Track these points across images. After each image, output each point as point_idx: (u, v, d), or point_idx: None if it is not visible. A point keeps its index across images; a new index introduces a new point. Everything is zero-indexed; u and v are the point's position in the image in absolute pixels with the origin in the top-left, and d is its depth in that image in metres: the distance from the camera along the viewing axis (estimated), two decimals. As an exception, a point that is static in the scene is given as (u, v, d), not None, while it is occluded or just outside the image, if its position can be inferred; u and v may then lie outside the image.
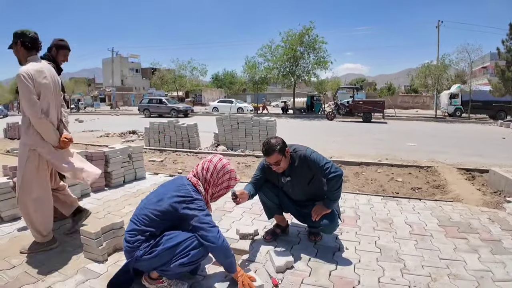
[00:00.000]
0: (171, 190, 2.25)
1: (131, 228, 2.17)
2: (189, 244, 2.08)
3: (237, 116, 9.50)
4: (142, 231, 2.13)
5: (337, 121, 22.72)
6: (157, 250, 2.07)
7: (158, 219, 2.15)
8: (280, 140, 2.74)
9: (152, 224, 2.14)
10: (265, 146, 2.73)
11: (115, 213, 3.78)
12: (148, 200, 2.28)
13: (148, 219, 2.14)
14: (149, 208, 2.18)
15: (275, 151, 2.67)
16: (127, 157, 5.17)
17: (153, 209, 2.17)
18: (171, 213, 2.16)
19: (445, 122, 22.37)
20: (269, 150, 2.69)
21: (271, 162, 2.75)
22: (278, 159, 2.71)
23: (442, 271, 2.47)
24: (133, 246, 2.11)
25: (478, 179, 5.40)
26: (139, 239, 2.11)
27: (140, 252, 2.09)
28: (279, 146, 2.68)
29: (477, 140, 12.00)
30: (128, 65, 72.80)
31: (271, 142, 2.71)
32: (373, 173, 6.04)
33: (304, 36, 27.27)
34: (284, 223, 3.17)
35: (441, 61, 27.24)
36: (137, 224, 2.16)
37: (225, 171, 2.41)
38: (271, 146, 2.68)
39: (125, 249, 2.17)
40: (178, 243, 2.08)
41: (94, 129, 16.06)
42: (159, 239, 2.11)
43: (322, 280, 2.38)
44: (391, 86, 59.80)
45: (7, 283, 2.32)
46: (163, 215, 2.15)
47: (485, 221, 3.49)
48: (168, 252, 2.06)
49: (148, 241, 2.11)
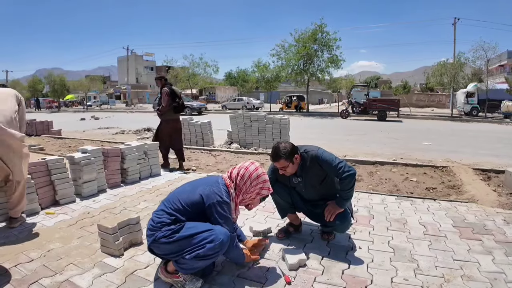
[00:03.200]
0: (206, 184, 2.33)
1: (160, 209, 2.27)
2: (206, 237, 2.11)
3: (251, 114, 9.52)
4: (169, 214, 2.20)
5: (351, 119, 22.55)
6: (176, 236, 2.12)
7: (188, 208, 2.22)
8: (289, 145, 2.73)
9: (180, 211, 2.21)
10: (273, 150, 2.76)
11: (131, 209, 3.86)
12: (183, 188, 2.38)
13: (178, 205, 2.22)
14: (182, 196, 2.27)
15: (281, 157, 2.68)
16: (142, 154, 5.26)
17: (186, 197, 2.25)
18: (200, 205, 2.23)
19: (461, 121, 21.97)
20: (275, 156, 2.72)
21: (279, 167, 2.78)
22: (284, 165, 2.72)
23: (455, 272, 2.46)
24: (156, 226, 2.18)
25: (494, 179, 5.31)
26: (163, 221, 2.18)
27: (160, 234, 2.15)
28: (286, 152, 2.68)
29: (494, 140, 11.76)
30: (143, 63, 73.58)
31: (280, 147, 2.71)
32: (387, 172, 5.99)
33: (317, 33, 27.11)
34: (297, 222, 3.18)
35: (457, 59, 26.75)
36: (167, 207, 2.24)
37: (259, 181, 2.43)
38: (278, 152, 2.69)
39: (148, 227, 2.25)
40: (196, 233, 2.13)
41: (109, 126, 16.35)
42: (180, 227, 2.16)
43: (334, 278, 2.39)
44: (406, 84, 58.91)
45: (25, 276, 2.39)
46: (192, 206, 2.23)
47: (500, 223, 3.44)
48: (185, 240, 2.11)
49: (171, 225, 2.17)
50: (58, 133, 12.40)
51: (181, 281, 2.23)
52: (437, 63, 27.85)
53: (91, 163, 4.29)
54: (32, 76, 51.66)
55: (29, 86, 48.24)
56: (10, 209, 3.26)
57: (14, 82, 51.69)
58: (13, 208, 3.24)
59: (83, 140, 10.65)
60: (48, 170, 3.92)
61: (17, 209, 3.26)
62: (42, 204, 3.82)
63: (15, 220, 3.28)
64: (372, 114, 22.41)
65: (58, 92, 43.72)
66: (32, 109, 45.72)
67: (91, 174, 4.31)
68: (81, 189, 4.24)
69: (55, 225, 3.38)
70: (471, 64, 26.57)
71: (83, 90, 46.68)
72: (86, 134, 13.36)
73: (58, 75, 44.33)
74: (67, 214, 3.68)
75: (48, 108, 47.20)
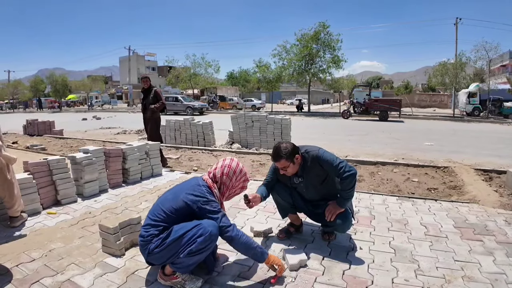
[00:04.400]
0: (186, 189, 2.34)
1: (146, 223, 2.27)
2: (195, 232, 2.13)
3: (252, 114, 9.53)
4: (156, 226, 2.21)
5: (352, 119, 22.53)
6: (167, 242, 2.14)
7: (173, 215, 2.23)
8: (290, 145, 2.73)
9: (166, 220, 2.22)
10: (274, 151, 2.76)
11: (132, 209, 3.87)
12: (164, 198, 2.38)
13: (163, 214, 2.23)
14: (165, 205, 2.27)
15: (282, 157, 2.69)
16: (144, 154, 5.27)
17: (169, 206, 2.26)
18: (185, 209, 2.25)
19: (463, 122, 21.93)
20: (276, 157, 2.73)
21: (278, 166, 2.79)
22: (285, 165, 2.73)
23: (456, 273, 2.45)
24: (146, 240, 2.19)
25: (495, 180, 5.30)
26: (152, 233, 2.19)
27: (152, 246, 2.17)
28: (287, 152, 2.69)
29: (495, 140, 11.74)
30: (144, 63, 73.60)
31: (280, 147, 2.72)
32: (389, 172, 5.99)
33: (319, 33, 27.10)
34: (298, 222, 3.18)
35: (458, 59, 26.70)
36: (152, 219, 2.25)
37: (242, 174, 2.51)
38: (279, 152, 2.70)
39: (140, 243, 2.26)
40: (185, 232, 2.15)
41: (111, 126, 16.37)
42: (169, 232, 2.17)
43: (335, 279, 2.39)
44: (408, 84, 58.83)
45: (27, 275, 2.40)
46: (177, 212, 2.24)
47: (502, 223, 3.43)
48: (176, 242, 2.13)
49: (160, 235, 2.18)
50: (60, 133, 12.44)
51: (180, 282, 2.23)
52: (438, 63, 27.80)
53: (92, 163, 4.30)
54: (34, 76, 51.79)
55: (31, 86, 48.42)
56: (8, 209, 3.27)
57: (16, 82, 51.86)
58: (10, 208, 3.25)
59: (84, 140, 10.69)
60: (49, 170, 3.93)
61: (14, 208, 3.26)
62: (43, 204, 3.83)
63: (15, 219, 3.29)
64: (374, 114, 22.39)
65: (60, 92, 43.85)
66: (34, 109, 45.84)
67: (92, 174, 4.32)
68: (82, 189, 4.25)
69: (57, 225, 3.38)
70: (472, 64, 26.52)
71: (85, 90, 46.79)
72: (88, 134, 13.40)
73: (60, 75, 44.47)
74: (69, 214, 3.69)
75: (50, 108, 47.34)
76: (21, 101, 50.07)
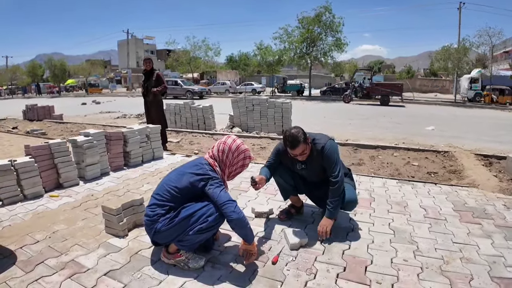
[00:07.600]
0: (190, 168, 2.36)
1: (152, 203, 2.29)
2: (205, 211, 2.18)
3: (253, 98, 9.50)
4: (162, 205, 2.24)
5: (353, 104, 22.44)
6: (176, 220, 2.17)
7: (178, 195, 2.25)
8: (300, 129, 2.66)
9: (172, 199, 2.24)
10: (288, 139, 2.60)
11: (134, 191, 3.90)
12: (169, 178, 2.39)
13: (168, 194, 2.25)
14: (170, 185, 2.29)
15: (301, 142, 2.58)
16: (145, 137, 5.28)
17: (174, 186, 2.27)
18: (190, 189, 2.27)
19: (464, 107, 21.83)
20: (295, 142, 2.58)
21: (297, 153, 2.65)
22: (303, 149, 2.64)
23: (454, 254, 2.49)
24: (153, 219, 2.22)
25: (495, 165, 5.32)
26: (158, 212, 2.22)
27: (159, 225, 2.19)
28: (302, 136, 2.60)
29: (497, 126, 11.72)
30: (143, 46, 72.92)
31: (294, 133, 2.59)
32: (389, 156, 6.01)
33: (321, 16, 26.76)
34: (299, 204, 3.22)
35: (461, 44, 26.42)
36: (158, 199, 2.27)
37: (240, 151, 2.47)
38: (296, 137, 2.57)
39: (145, 223, 2.29)
40: (195, 211, 2.19)
41: (111, 111, 16.33)
42: (178, 212, 2.20)
43: (335, 258, 2.43)
44: (410, 69, 58.40)
45: (31, 257, 2.43)
46: (182, 191, 2.26)
47: (500, 208, 3.45)
48: (186, 221, 2.16)
49: (166, 215, 2.21)
50: (60, 117, 12.41)
51: (183, 260, 2.27)
52: (441, 48, 27.51)
53: (93, 146, 4.32)
54: (31, 61, 51.35)
55: (28, 71, 48.02)
56: None
57: (14, 67, 51.42)
58: None
59: (85, 125, 10.69)
60: (51, 154, 3.95)
61: None
62: (46, 187, 3.86)
63: None
64: (375, 98, 22.30)
65: (59, 77, 43.59)
66: (33, 94, 45.62)
67: (93, 157, 4.33)
68: (84, 172, 4.28)
69: (60, 207, 3.42)
70: (475, 49, 26.26)
71: (84, 74, 46.46)
72: (88, 119, 13.37)
73: (59, 60, 44.11)
74: (71, 197, 3.72)
75: (49, 93, 47.11)
76: (20, 86, 49.72)
